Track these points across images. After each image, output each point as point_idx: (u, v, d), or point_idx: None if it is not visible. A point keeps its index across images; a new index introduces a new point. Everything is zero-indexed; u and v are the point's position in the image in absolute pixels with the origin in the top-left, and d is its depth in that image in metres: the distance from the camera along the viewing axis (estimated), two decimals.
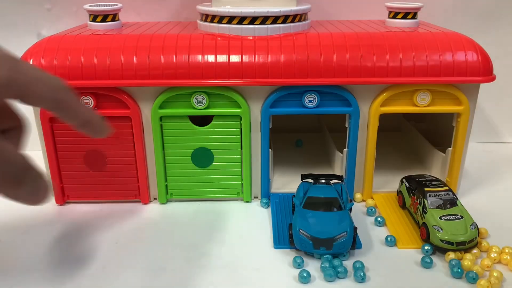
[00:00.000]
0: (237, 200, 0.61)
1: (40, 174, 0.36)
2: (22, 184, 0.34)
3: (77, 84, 0.53)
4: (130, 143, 0.57)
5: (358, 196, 0.61)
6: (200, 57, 0.53)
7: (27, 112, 0.55)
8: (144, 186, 0.60)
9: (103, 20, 0.61)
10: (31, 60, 0.53)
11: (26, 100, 0.37)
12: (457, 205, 0.52)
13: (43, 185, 0.36)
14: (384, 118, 0.57)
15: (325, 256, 0.48)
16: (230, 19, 0.57)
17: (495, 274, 0.45)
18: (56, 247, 0.51)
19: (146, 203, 0.61)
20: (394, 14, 0.63)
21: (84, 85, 0.53)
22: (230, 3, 0.58)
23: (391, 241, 0.51)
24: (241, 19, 0.56)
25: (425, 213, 0.51)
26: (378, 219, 0.55)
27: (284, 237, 0.52)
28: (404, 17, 0.63)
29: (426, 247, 0.49)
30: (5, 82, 0.34)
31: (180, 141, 0.57)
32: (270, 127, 0.57)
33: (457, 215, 0.50)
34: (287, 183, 0.64)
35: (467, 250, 0.49)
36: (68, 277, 0.47)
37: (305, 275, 0.45)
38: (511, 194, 0.63)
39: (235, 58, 0.53)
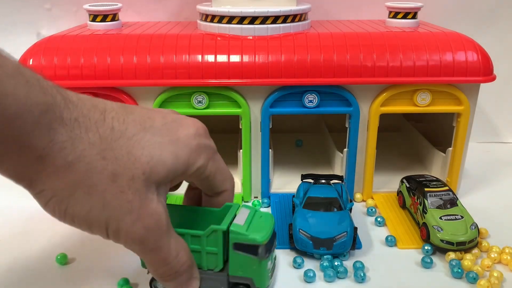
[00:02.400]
0: (237, 200, 0.61)
1: (193, 277, 0.40)
2: (171, 281, 0.39)
3: (77, 84, 0.53)
4: None
5: (358, 196, 0.61)
6: (200, 57, 0.53)
7: None
8: None
9: (103, 20, 0.61)
10: (31, 60, 0.53)
11: None
12: (457, 205, 0.52)
13: (189, 285, 0.40)
14: (384, 118, 0.57)
15: (325, 256, 0.47)
16: (230, 19, 0.57)
17: (495, 274, 0.45)
18: (56, 248, 0.51)
19: None
20: (394, 14, 0.63)
21: (84, 85, 0.53)
22: (230, 3, 0.58)
23: (391, 241, 0.51)
24: (241, 19, 0.56)
25: (425, 213, 0.51)
26: (378, 219, 0.55)
27: (284, 237, 0.52)
28: (404, 17, 0.63)
29: (426, 247, 0.49)
30: None
31: None
32: (270, 127, 0.57)
33: (457, 215, 0.50)
34: (287, 183, 0.64)
35: (467, 250, 0.49)
36: (68, 277, 0.47)
37: (311, 275, 0.45)
38: (511, 194, 0.63)
39: (235, 58, 0.53)
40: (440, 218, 0.50)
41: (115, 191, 0.34)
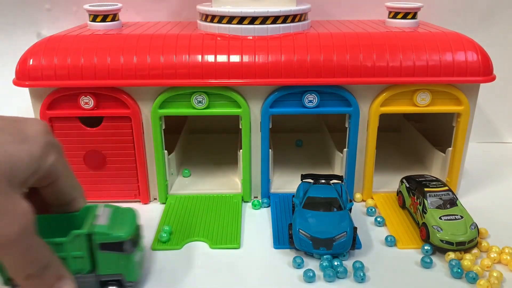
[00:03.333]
0: (237, 200, 0.61)
1: (60, 275, 0.38)
2: (37, 279, 0.37)
3: (77, 84, 0.53)
4: (130, 143, 0.57)
5: (358, 196, 0.61)
6: (200, 57, 0.53)
7: (27, 112, 0.55)
8: (144, 186, 0.59)
9: (103, 20, 0.61)
10: (31, 60, 0.53)
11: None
12: (457, 205, 0.52)
13: (60, 287, 0.38)
14: (384, 118, 0.57)
15: (325, 256, 0.48)
16: (230, 19, 0.57)
17: (495, 274, 0.45)
18: None
19: (146, 203, 0.61)
20: (394, 14, 0.63)
21: (84, 85, 0.53)
22: (230, 3, 0.58)
23: (391, 241, 0.51)
24: (241, 19, 0.56)
25: (425, 213, 0.51)
26: (378, 219, 0.55)
27: (284, 237, 0.52)
28: (404, 17, 0.63)
29: (426, 247, 0.49)
30: None
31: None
32: (270, 127, 0.57)
33: (457, 215, 0.50)
34: (287, 183, 0.64)
35: (467, 250, 0.49)
36: None
37: (311, 274, 0.45)
38: (511, 194, 0.63)
39: (235, 58, 0.53)
40: (440, 218, 0.50)
41: None
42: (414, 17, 0.62)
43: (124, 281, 0.43)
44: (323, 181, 0.55)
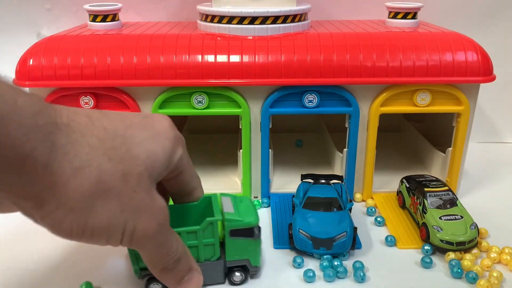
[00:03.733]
0: None
1: (191, 267, 0.40)
2: (172, 271, 0.39)
3: (77, 84, 0.53)
4: None
5: (358, 196, 0.61)
6: (200, 57, 0.53)
7: None
8: None
9: (103, 20, 0.61)
10: (31, 60, 0.53)
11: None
12: (457, 205, 0.52)
13: (190, 278, 0.40)
14: (384, 118, 0.57)
15: (325, 256, 0.48)
16: (230, 19, 0.57)
17: (495, 274, 0.45)
18: (55, 248, 0.51)
19: None
20: (394, 14, 0.63)
21: (84, 85, 0.53)
22: (230, 3, 0.58)
23: (391, 241, 0.51)
24: (241, 19, 0.56)
25: (425, 213, 0.51)
26: (378, 219, 0.55)
27: (284, 237, 0.52)
28: (404, 17, 0.63)
29: (426, 247, 0.49)
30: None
31: None
32: (270, 127, 0.57)
33: (457, 215, 0.50)
34: (287, 183, 0.64)
35: (467, 250, 0.49)
36: (69, 278, 0.47)
37: (310, 274, 0.45)
38: (511, 194, 0.63)
39: (235, 58, 0.53)
40: (440, 218, 0.50)
41: (129, 191, 0.34)
42: (414, 17, 0.62)
43: (250, 266, 0.44)
44: (323, 181, 0.55)
